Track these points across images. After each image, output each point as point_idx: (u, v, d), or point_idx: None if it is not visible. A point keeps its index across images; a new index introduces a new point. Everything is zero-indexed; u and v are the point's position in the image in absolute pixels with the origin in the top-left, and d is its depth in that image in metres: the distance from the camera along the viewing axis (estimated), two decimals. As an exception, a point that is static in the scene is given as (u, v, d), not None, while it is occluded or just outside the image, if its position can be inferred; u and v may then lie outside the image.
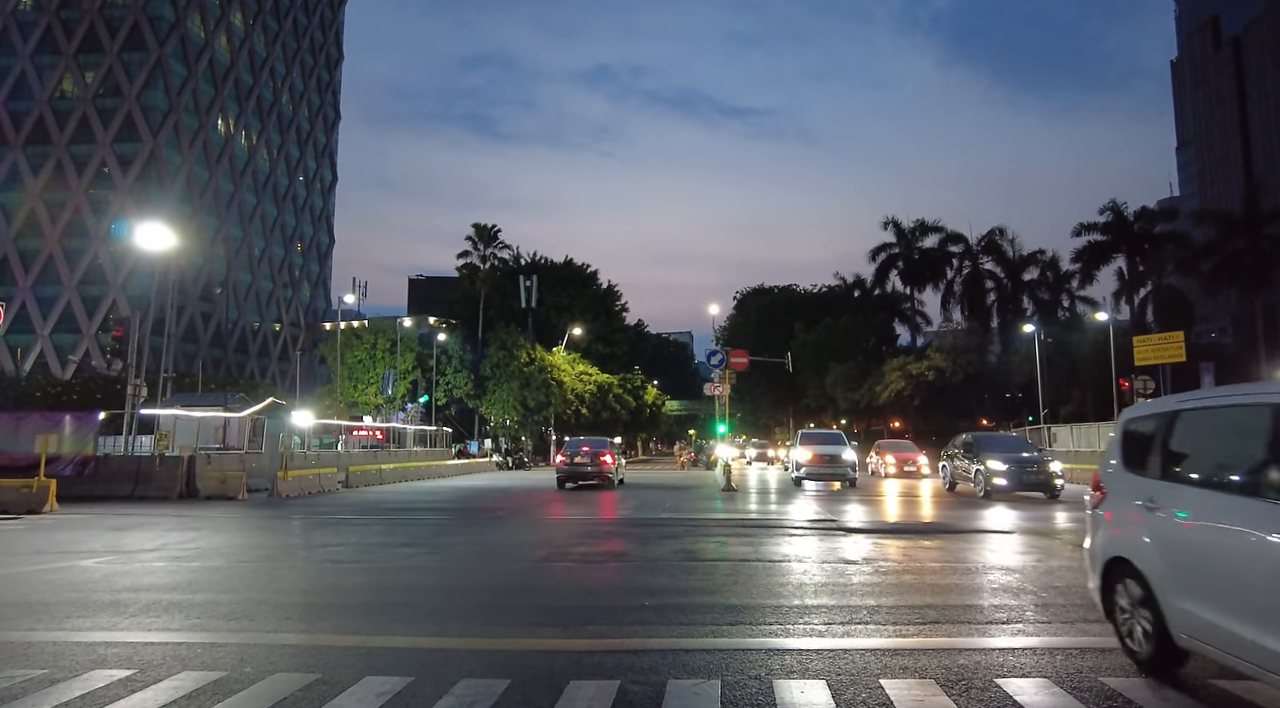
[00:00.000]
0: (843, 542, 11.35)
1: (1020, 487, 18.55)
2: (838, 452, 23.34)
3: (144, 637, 5.95)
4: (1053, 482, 18.49)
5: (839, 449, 23.58)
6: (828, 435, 26.31)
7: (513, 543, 11.23)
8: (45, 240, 76.88)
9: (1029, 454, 19.74)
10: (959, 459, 21.11)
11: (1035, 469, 18.65)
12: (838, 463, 23.06)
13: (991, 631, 6.10)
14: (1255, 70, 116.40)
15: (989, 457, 19.05)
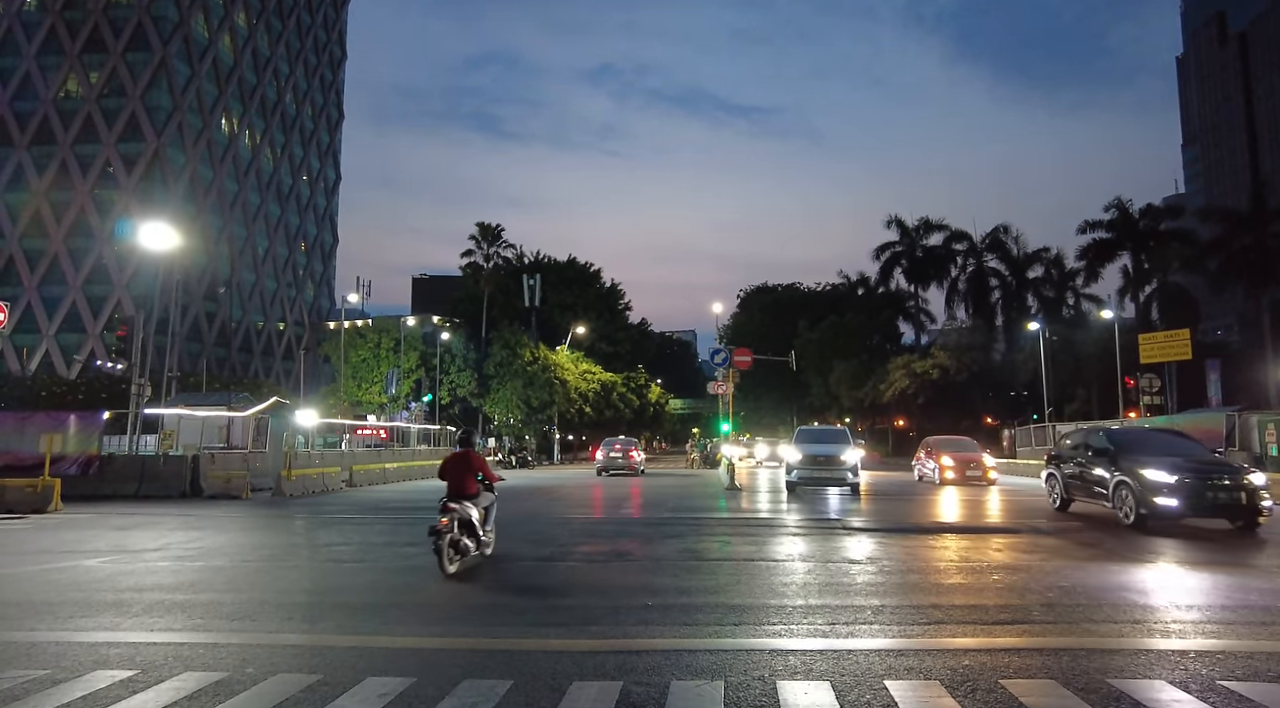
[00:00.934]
0: (846, 541, 11.31)
1: (1200, 510, 11.78)
2: (835, 452, 19.77)
3: (146, 637, 5.95)
4: (1256, 502, 11.65)
5: (837, 449, 19.95)
6: (826, 432, 22.52)
7: (515, 542, 11.20)
8: (50, 240, 77.13)
9: (1209, 459, 12.93)
10: (1077, 464, 14.39)
11: (1225, 482, 11.83)
12: (834, 465, 19.54)
13: (996, 631, 6.06)
14: (1261, 66, 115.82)
15: (1143, 462, 12.32)
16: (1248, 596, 7.37)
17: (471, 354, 56.49)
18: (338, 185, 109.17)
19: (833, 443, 20.54)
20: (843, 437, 21.52)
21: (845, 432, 22.99)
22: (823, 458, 19.77)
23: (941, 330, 59.36)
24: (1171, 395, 37.62)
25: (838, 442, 20.74)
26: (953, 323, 57.69)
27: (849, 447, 20.28)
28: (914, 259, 59.89)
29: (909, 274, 60.85)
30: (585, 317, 64.42)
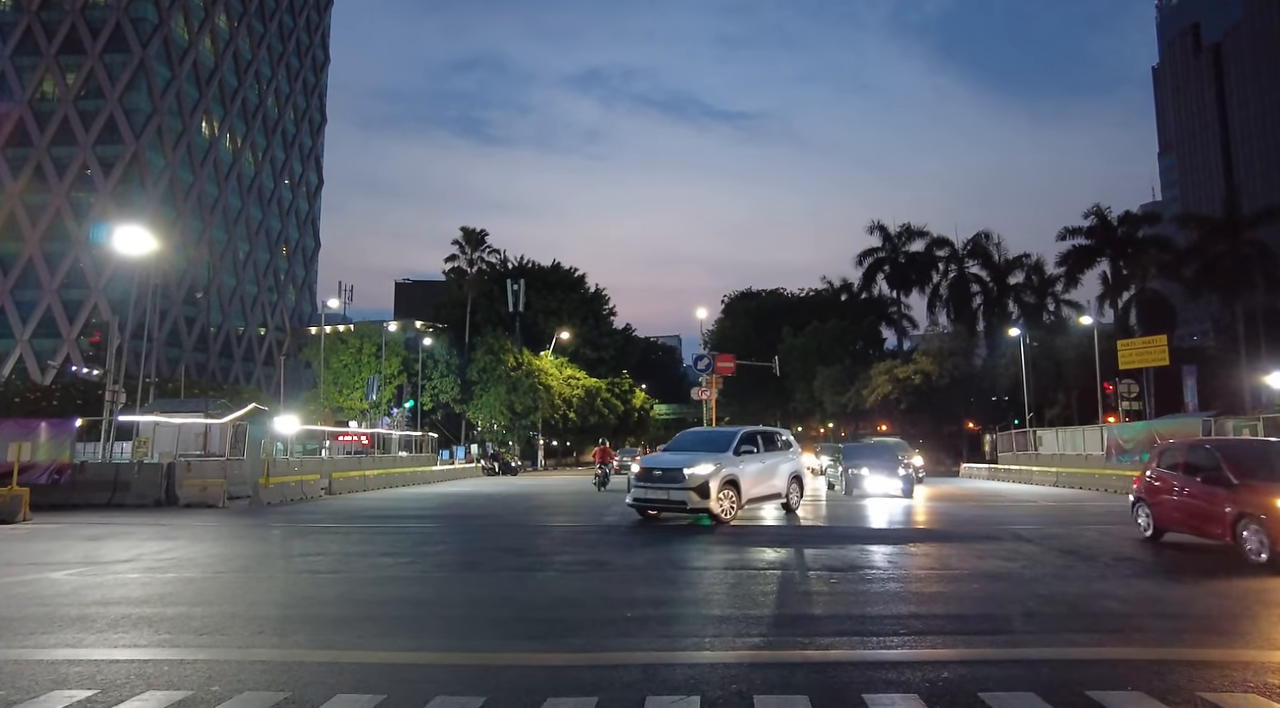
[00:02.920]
0: (829, 550, 11.27)
1: None
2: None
3: (109, 654, 5.77)
4: None
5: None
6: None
7: (494, 552, 11.08)
8: (25, 243, 75.84)
9: None
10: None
11: None
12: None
13: (976, 642, 6.03)
14: (1235, 76, 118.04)
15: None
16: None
17: (455, 360, 56.13)
18: (320, 189, 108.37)
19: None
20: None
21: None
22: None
23: (924, 336, 59.77)
24: (1149, 401, 38.06)
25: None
26: (935, 329, 58.09)
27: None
28: (897, 265, 60.26)
29: (892, 280, 61.21)
30: (569, 322, 64.27)
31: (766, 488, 15.14)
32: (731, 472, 14.07)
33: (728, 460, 14.27)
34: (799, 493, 16.18)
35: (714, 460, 14.04)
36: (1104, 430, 29.14)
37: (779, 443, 16.21)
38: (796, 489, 16.02)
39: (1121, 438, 26.85)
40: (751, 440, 15.22)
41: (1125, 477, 23.68)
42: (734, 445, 14.69)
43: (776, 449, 15.84)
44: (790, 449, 16.38)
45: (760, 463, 14.98)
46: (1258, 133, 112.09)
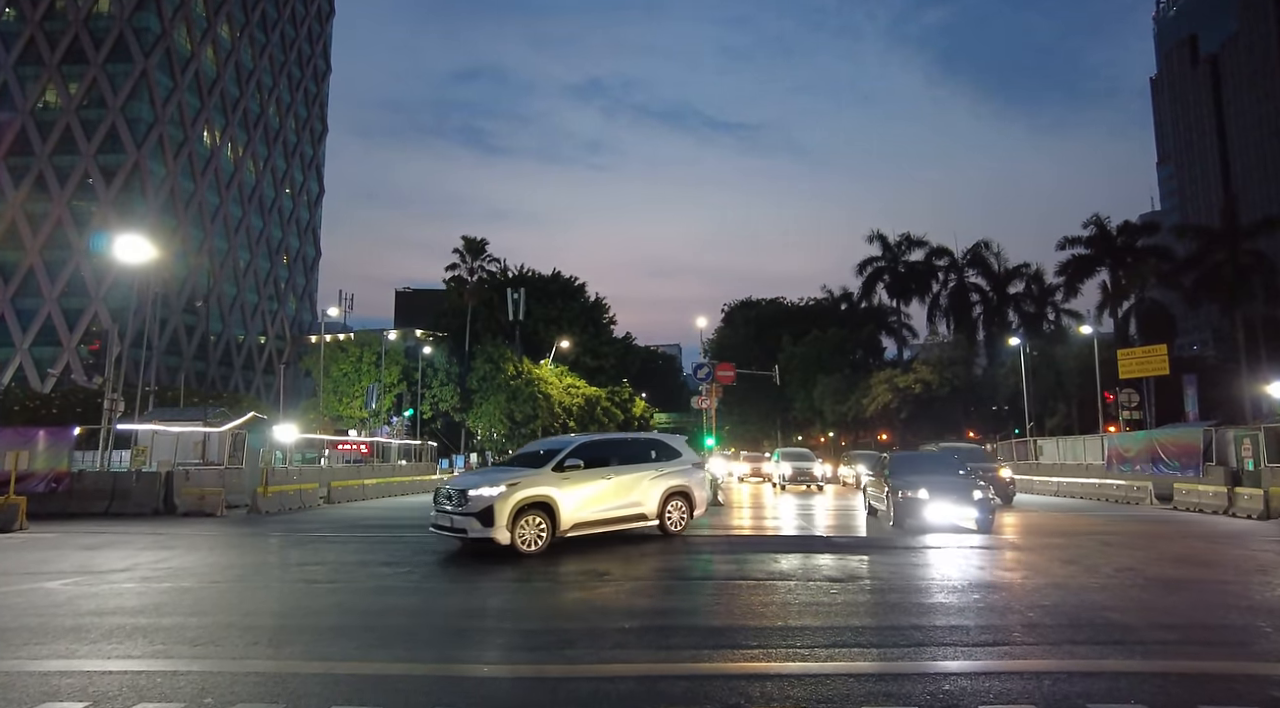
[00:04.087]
0: (827, 559, 11.21)
1: None
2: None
3: (102, 665, 5.72)
4: None
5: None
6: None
7: (493, 562, 11.01)
8: (26, 252, 75.95)
9: None
10: None
11: None
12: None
13: (977, 654, 5.98)
14: (1232, 87, 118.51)
15: None
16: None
17: (454, 368, 56.12)
18: (321, 198, 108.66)
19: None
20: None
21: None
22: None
23: (924, 345, 59.76)
24: (1150, 410, 38.00)
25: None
26: (935, 338, 58.10)
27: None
28: (896, 274, 60.33)
29: (891, 289, 61.27)
30: (569, 331, 64.31)
31: (617, 509, 12.50)
32: (539, 493, 11.56)
33: (535, 479, 11.75)
34: (685, 511, 13.52)
35: (511, 479, 11.62)
36: (1105, 440, 29.07)
37: (656, 454, 13.56)
38: (680, 508, 13.41)
39: (1122, 447, 26.78)
40: (596, 451, 12.68)
41: (1126, 486, 23.64)
42: (558, 459, 12.10)
43: (650, 461, 13.28)
44: (677, 459, 13.67)
45: (605, 481, 12.39)
46: (1255, 143, 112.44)
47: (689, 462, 13.95)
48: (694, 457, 14.23)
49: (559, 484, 11.84)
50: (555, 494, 11.72)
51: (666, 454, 13.71)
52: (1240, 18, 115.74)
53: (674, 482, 13.43)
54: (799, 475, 30.22)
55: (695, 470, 13.99)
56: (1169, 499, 21.14)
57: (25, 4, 78.44)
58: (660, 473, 13.29)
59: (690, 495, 13.66)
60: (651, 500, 13.03)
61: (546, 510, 11.59)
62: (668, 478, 13.36)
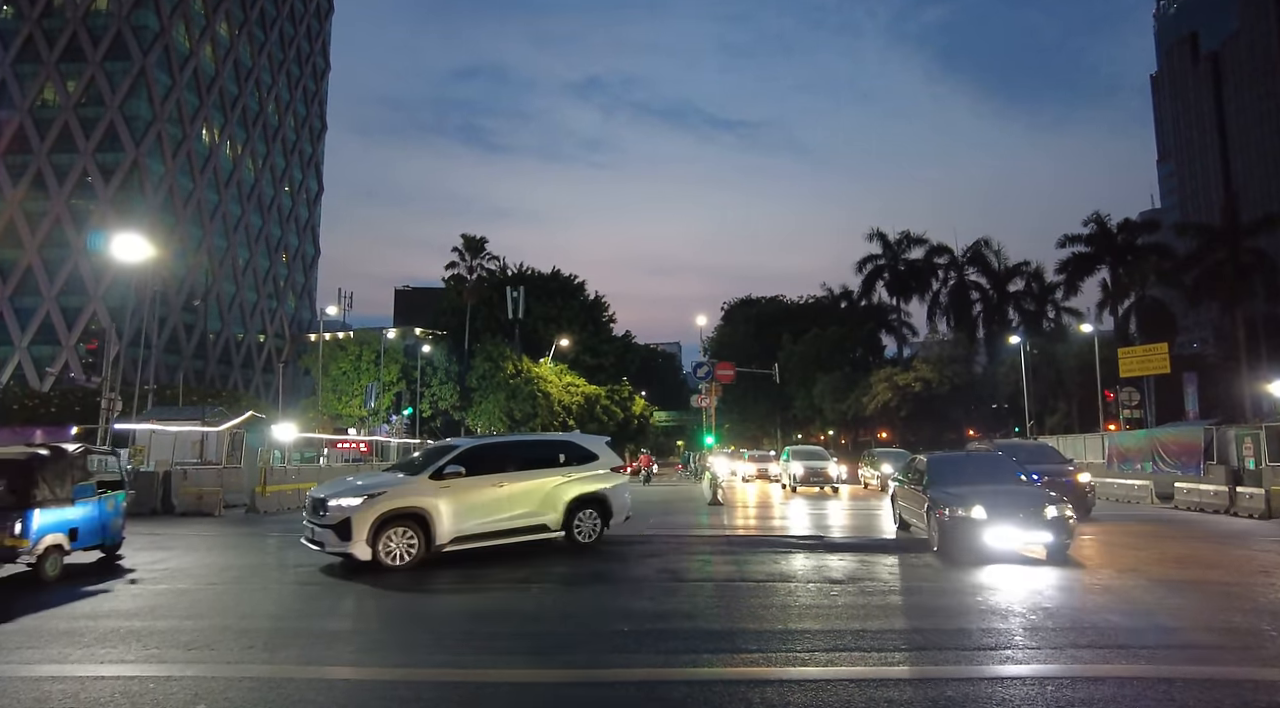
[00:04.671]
0: (828, 560, 11.15)
1: None
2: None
3: (95, 670, 5.66)
4: None
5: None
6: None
7: (490, 563, 10.95)
8: (24, 251, 75.85)
9: None
10: None
11: None
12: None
13: (979, 658, 5.91)
14: (1233, 84, 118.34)
15: None
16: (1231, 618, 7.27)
17: (454, 367, 56.04)
18: (320, 196, 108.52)
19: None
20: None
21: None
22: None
23: (923, 343, 59.65)
24: (1150, 408, 37.94)
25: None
26: (934, 336, 58.00)
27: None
28: (896, 272, 60.22)
29: (891, 287, 61.17)
30: (569, 329, 64.23)
31: (511, 519, 11.31)
32: (409, 503, 10.46)
33: (406, 488, 10.70)
34: (598, 520, 12.16)
35: (376, 489, 10.55)
36: (1105, 438, 29.03)
37: (565, 457, 12.24)
38: (592, 517, 12.08)
39: (1123, 446, 26.72)
40: (485, 456, 11.59)
41: (1127, 485, 23.59)
42: (436, 466, 10.99)
43: (557, 466, 12.02)
44: (591, 463, 12.34)
45: (496, 488, 11.25)
46: (1256, 140, 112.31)
47: (607, 465, 12.56)
48: (614, 460, 12.90)
49: (436, 493, 10.67)
50: (430, 505, 10.57)
51: (579, 458, 12.35)
52: (1241, 15, 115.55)
53: (585, 488, 12.07)
54: (811, 476, 27.69)
55: (614, 475, 12.63)
56: (1170, 498, 21.09)
57: (23, 2, 78.28)
58: (568, 478, 11.98)
59: (606, 502, 12.27)
60: (555, 509, 11.73)
61: (419, 522, 10.44)
62: (577, 484, 12.04)
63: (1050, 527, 10.59)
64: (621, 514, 12.66)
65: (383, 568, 10.05)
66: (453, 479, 10.91)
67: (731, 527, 16.49)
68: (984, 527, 10.61)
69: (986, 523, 10.61)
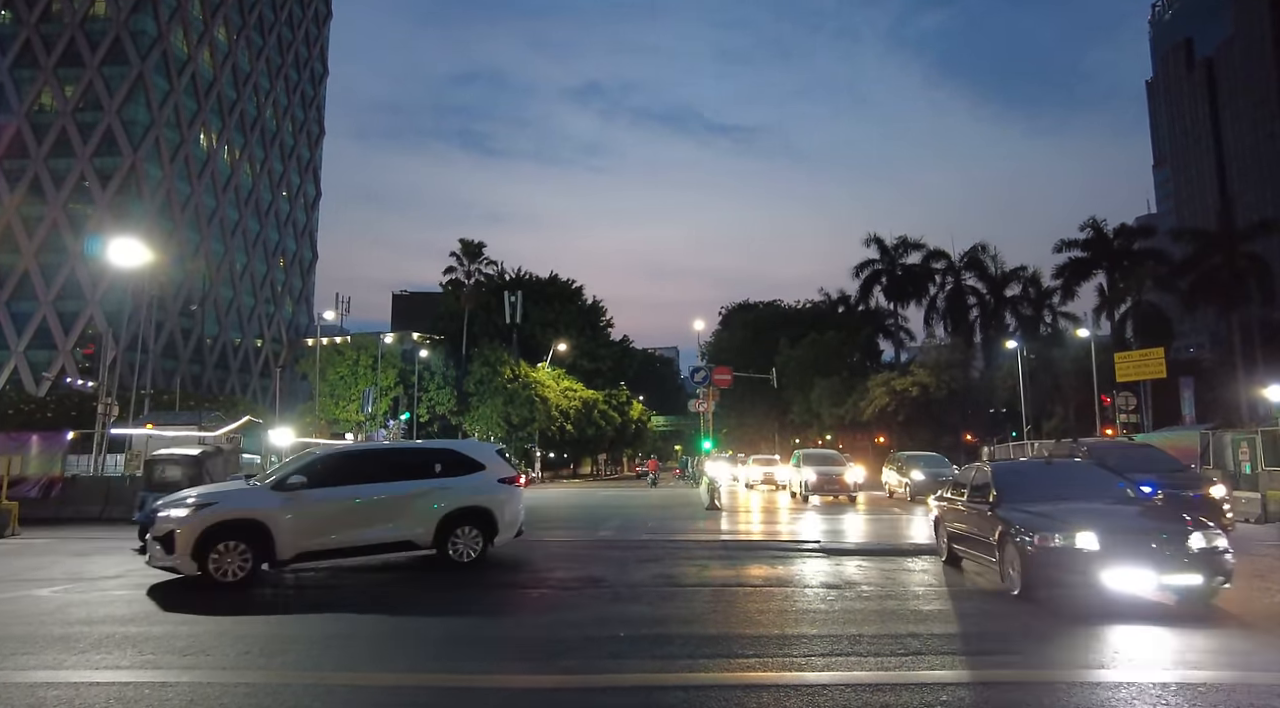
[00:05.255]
0: (825, 565, 11.16)
1: None
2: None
3: (89, 676, 5.64)
4: None
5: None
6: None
7: (487, 568, 10.94)
8: (21, 255, 75.79)
9: None
10: None
11: None
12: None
13: (976, 663, 5.92)
14: (1227, 90, 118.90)
15: None
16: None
17: (451, 371, 56.03)
18: (318, 201, 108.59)
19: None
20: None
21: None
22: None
23: (921, 348, 59.72)
24: (1147, 413, 38.02)
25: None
26: (932, 341, 58.07)
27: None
28: (893, 277, 60.36)
29: (888, 292, 61.29)
30: (567, 334, 64.26)
31: (369, 534, 10.28)
32: (243, 515, 9.67)
33: (241, 498, 10.15)
34: (479, 537, 10.78)
35: (207, 499, 9.93)
36: (1102, 443, 29.00)
37: (443, 467, 11.08)
38: (471, 533, 10.72)
39: (1119, 451, 26.73)
40: (340, 466, 10.80)
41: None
42: (280, 476, 10.40)
43: (432, 476, 10.94)
44: (475, 473, 11.08)
45: (352, 500, 10.29)
46: (1251, 146, 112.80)
47: (494, 475, 11.19)
48: (504, 470, 11.47)
49: (278, 504, 9.84)
50: (268, 516, 9.71)
51: (460, 467, 11.10)
52: (1235, 21, 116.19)
53: (463, 501, 10.75)
54: (826, 484, 24.71)
55: (502, 486, 11.16)
56: (1166, 503, 21.06)
57: (21, 6, 78.37)
58: (443, 490, 10.75)
59: (490, 516, 10.88)
60: (423, 523, 10.51)
61: (256, 535, 9.57)
62: (455, 496, 10.73)
63: (1199, 564, 7.42)
64: (510, 530, 11.20)
65: (215, 583, 9.27)
66: (301, 490, 9.99)
67: (732, 532, 16.48)
68: (1098, 562, 7.41)
69: (1101, 557, 7.42)
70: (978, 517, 9.41)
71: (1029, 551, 7.82)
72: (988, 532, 8.92)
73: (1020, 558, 7.96)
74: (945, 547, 10.81)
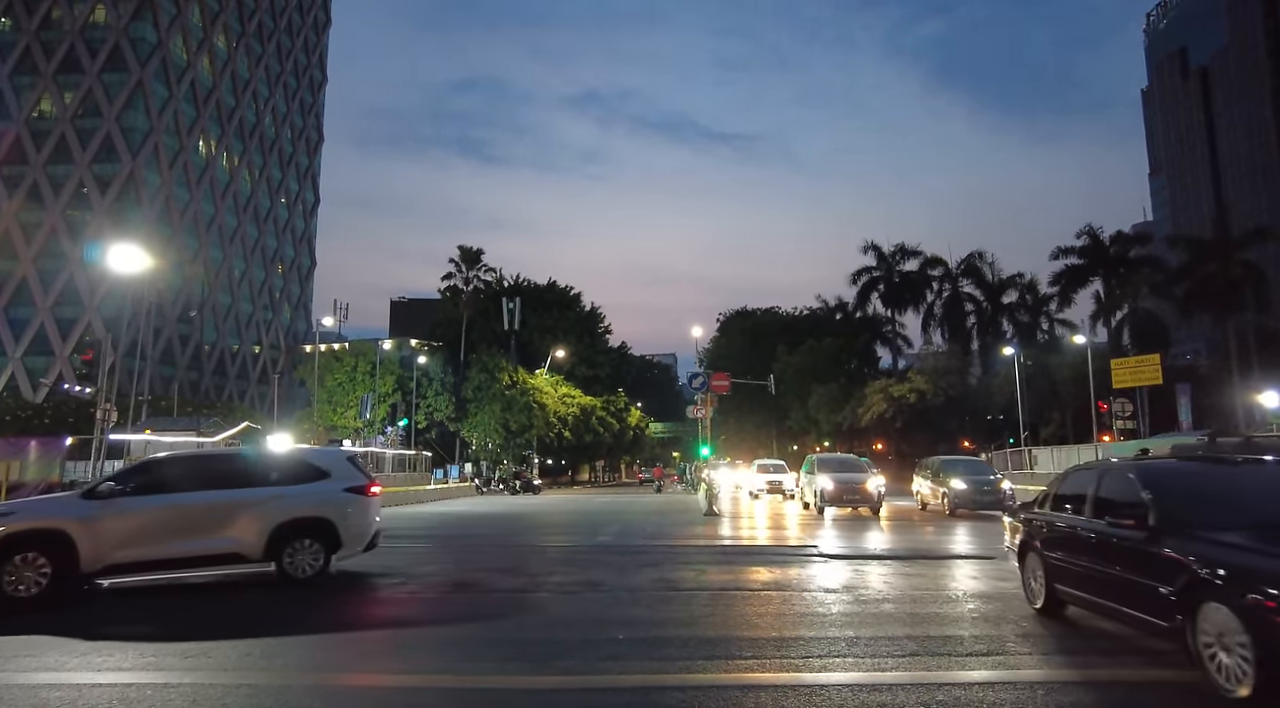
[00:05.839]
0: (823, 569, 11.20)
1: None
2: None
3: (91, 678, 5.67)
4: None
5: None
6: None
7: (487, 572, 10.97)
8: (20, 261, 75.81)
9: None
10: None
11: None
12: None
13: (971, 664, 5.97)
14: (1222, 98, 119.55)
15: None
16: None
17: (449, 378, 56.07)
18: (316, 208, 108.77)
19: None
20: None
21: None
22: None
23: (918, 355, 59.93)
24: (1144, 419, 38.15)
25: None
26: (929, 347, 58.31)
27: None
28: (891, 284, 60.60)
29: (886, 299, 61.54)
30: (565, 340, 64.35)
31: (190, 546, 9.54)
32: (40, 525, 9.06)
33: (41, 507, 9.86)
34: (319, 551, 9.99)
35: (11, 508, 9.70)
36: (1099, 449, 29.20)
37: (280, 476, 10.28)
38: (310, 546, 9.93)
39: (1117, 456, 26.83)
40: (161, 473, 10.00)
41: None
42: (92, 485, 9.93)
43: (267, 484, 10.09)
44: (318, 482, 10.26)
45: (171, 510, 9.54)
46: (1246, 154, 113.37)
47: (340, 484, 10.35)
48: (353, 478, 10.54)
49: (86, 514, 9.14)
50: (72, 527, 8.98)
51: (302, 475, 10.33)
52: (1229, 30, 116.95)
53: (299, 511, 9.94)
54: (845, 494, 21.25)
55: (349, 496, 10.35)
56: (1163, 508, 21.05)
57: (21, 13, 78.63)
58: (278, 499, 9.92)
59: (331, 528, 10.02)
60: (255, 534, 9.68)
61: (56, 546, 8.85)
62: (291, 505, 9.92)
63: None
64: (356, 543, 10.31)
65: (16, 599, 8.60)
66: (116, 498, 9.35)
67: (734, 537, 16.51)
68: None
69: None
70: (1120, 550, 5.97)
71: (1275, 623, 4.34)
72: (1151, 576, 5.49)
73: (1256, 633, 4.43)
74: (1042, 589, 7.43)
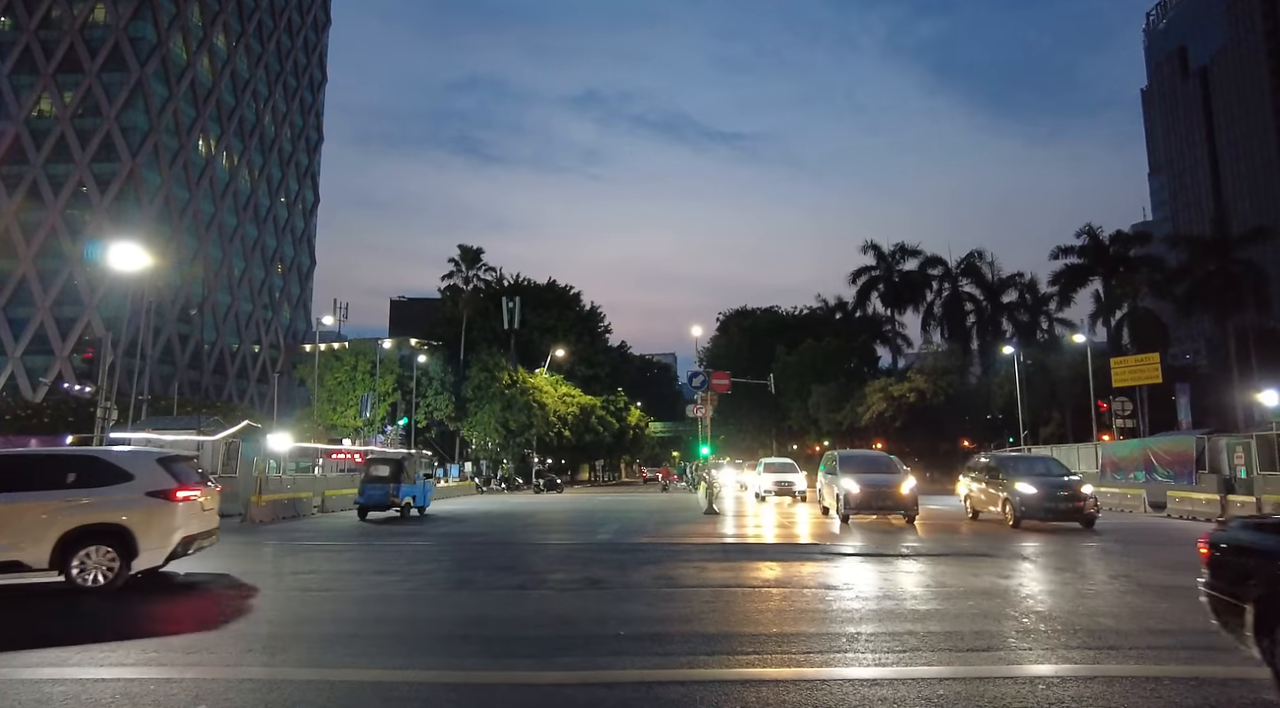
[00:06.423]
0: (823, 566, 11.22)
1: None
2: None
3: (95, 673, 5.69)
4: None
5: None
6: None
7: (488, 570, 11.00)
8: (19, 261, 75.77)
9: None
10: None
11: None
12: None
13: (971, 659, 5.99)
14: (1222, 98, 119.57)
15: None
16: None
17: (449, 377, 56.05)
18: (316, 207, 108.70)
19: None
20: None
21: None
22: None
23: (918, 354, 59.92)
24: (1143, 418, 38.14)
25: None
26: (929, 347, 58.27)
27: None
28: (890, 284, 60.57)
29: (886, 299, 61.50)
30: (565, 339, 64.36)
31: None
32: None
33: None
34: (114, 559, 9.09)
35: None
36: (1098, 448, 29.19)
37: (77, 477, 9.39)
38: (104, 553, 9.08)
39: (1116, 456, 26.88)
40: None
41: (1120, 494, 23.73)
42: None
43: (61, 487, 9.23)
44: (119, 484, 9.38)
45: None
46: (1245, 154, 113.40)
47: (140, 488, 9.37)
48: (160, 482, 9.55)
49: None
50: None
51: (100, 477, 9.40)
52: (1229, 30, 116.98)
53: (90, 517, 9.06)
54: (874, 499, 17.88)
55: (149, 500, 9.34)
56: (1163, 507, 21.23)
57: (20, 12, 78.58)
58: (68, 503, 9.06)
59: (126, 536, 9.09)
60: (39, 542, 8.87)
61: None
62: (81, 511, 9.06)
63: None
64: (157, 552, 9.35)
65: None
66: None
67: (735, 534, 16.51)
68: None
69: None
70: None
71: None
72: None
73: None
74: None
